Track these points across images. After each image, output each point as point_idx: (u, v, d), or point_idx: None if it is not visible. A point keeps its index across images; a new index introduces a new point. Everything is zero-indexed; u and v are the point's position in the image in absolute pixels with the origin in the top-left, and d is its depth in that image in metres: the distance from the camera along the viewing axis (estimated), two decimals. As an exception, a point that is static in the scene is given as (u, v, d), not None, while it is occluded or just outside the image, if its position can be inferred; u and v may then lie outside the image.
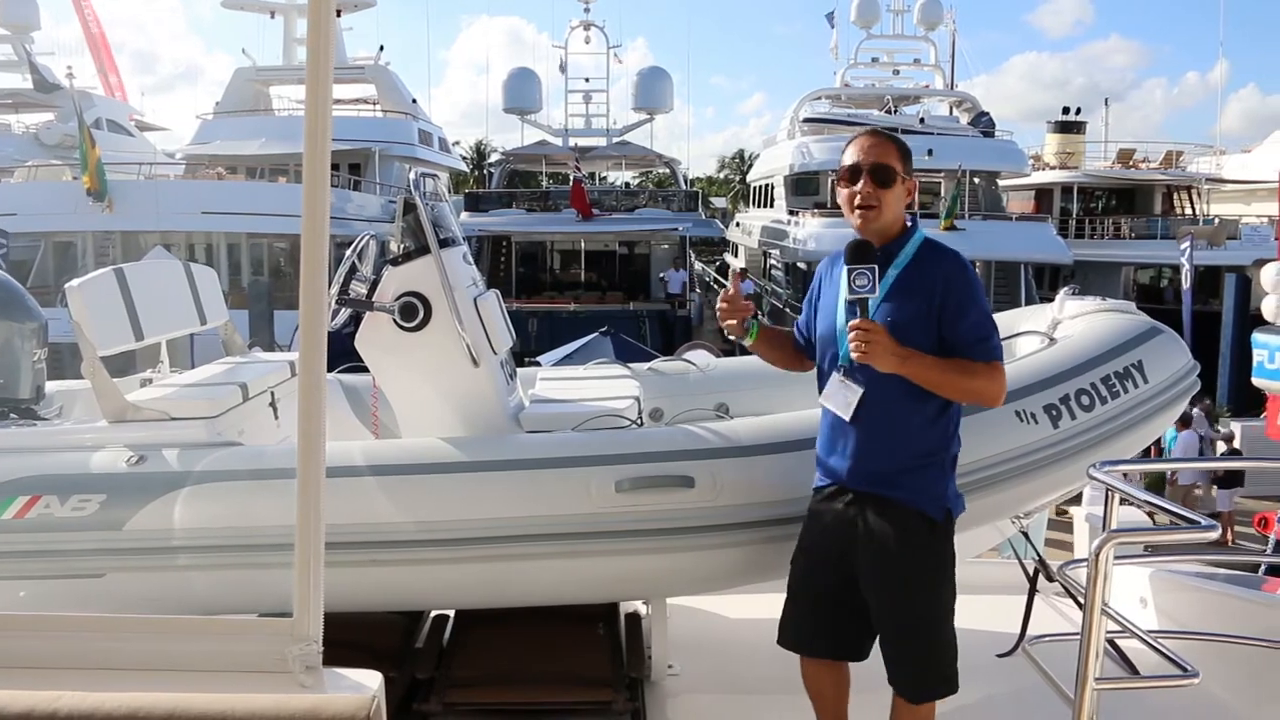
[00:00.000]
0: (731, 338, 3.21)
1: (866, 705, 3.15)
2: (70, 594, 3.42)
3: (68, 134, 30.43)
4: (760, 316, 3.22)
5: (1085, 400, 3.62)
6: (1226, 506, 15.93)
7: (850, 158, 2.96)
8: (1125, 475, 3.08)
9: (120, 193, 27.37)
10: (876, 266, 2.84)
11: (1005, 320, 4.77)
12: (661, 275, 32.84)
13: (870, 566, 2.96)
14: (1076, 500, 12.20)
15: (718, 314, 3.19)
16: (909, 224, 3.01)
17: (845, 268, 2.88)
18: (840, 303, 2.98)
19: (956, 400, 2.95)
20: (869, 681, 3.09)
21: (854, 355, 2.82)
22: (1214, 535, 2.50)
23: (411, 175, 3.90)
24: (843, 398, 2.94)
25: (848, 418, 2.94)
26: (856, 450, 2.97)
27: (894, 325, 2.83)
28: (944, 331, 2.86)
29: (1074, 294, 4.49)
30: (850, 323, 2.83)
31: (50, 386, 4.39)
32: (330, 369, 4.76)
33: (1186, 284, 25.40)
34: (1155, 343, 3.92)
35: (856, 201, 2.94)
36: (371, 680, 1.81)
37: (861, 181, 2.93)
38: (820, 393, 3.06)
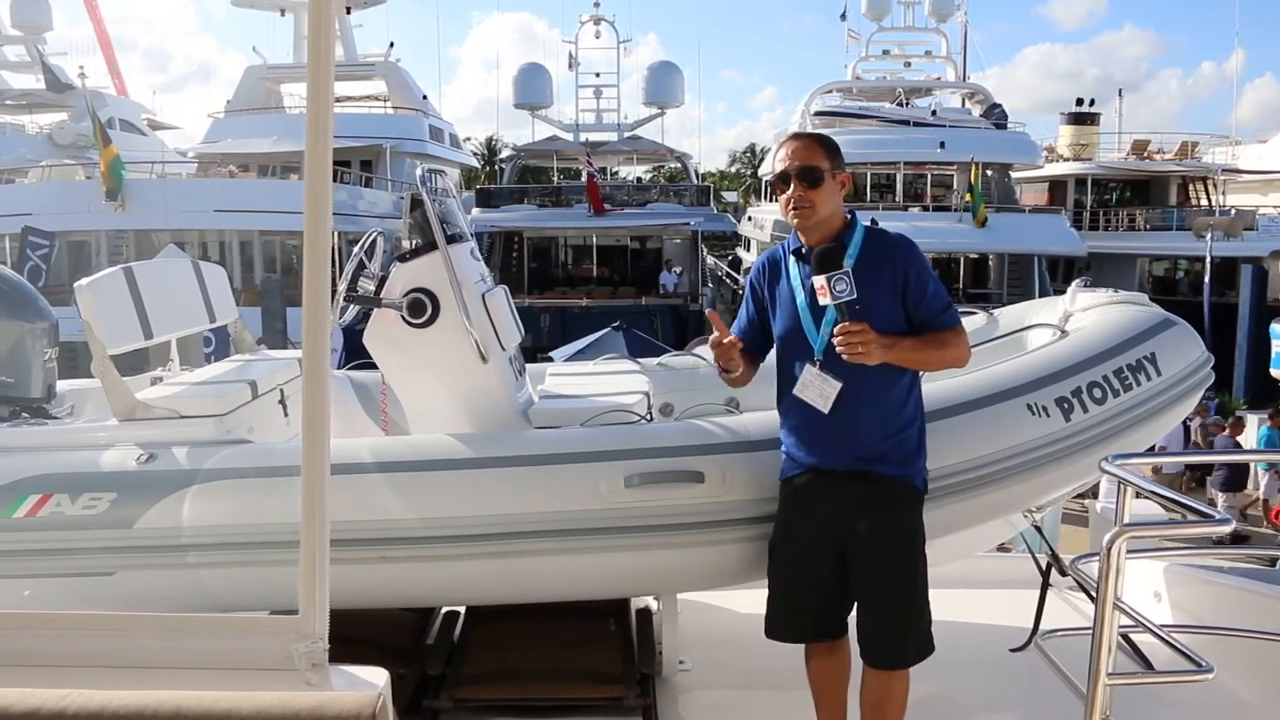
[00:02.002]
0: (725, 376, 3.28)
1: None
2: (81, 592, 3.43)
3: (81, 134, 30.59)
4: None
5: (1097, 393, 3.59)
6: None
7: (779, 164, 3.11)
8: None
9: (133, 192, 27.51)
10: (850, 271, 2.96)
11: (1017, 313, 4.75)
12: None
13: (867, 543, 3.06)
14: (1094, 493, 12.17)
15: (716, 361, 3.25)
16: (849, 216, 3.16)
17: (823, 276, 2.97)
18: (801, 302, 3.10)
19: (935, 369, 3.21)
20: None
21: (847, 358, 2.94)
22: (1227, 529, 2.47)
23: (418, 172, 3.90)
24: (820, 392, 3.05)
25: (827, 411, 3.04)
26: (843, 435, 3.07)
27: (863, 313, 2.96)
28: (909, 309, 3.05)
29: (1086, 286, 4.46)
30: (838, 327, 2.95)
31: (61, 385, 4.40)
32: (348, 364, 4.78)
33: (1207, 277, 25.23)
34: (1168, 335, 3.88)
35: (791, 204, 3.09)
36: (377, 677, 1.81)
37: (792, 185, 3.07)
38: (781, 388, 3.19)
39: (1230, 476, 15.14)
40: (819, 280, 2.97)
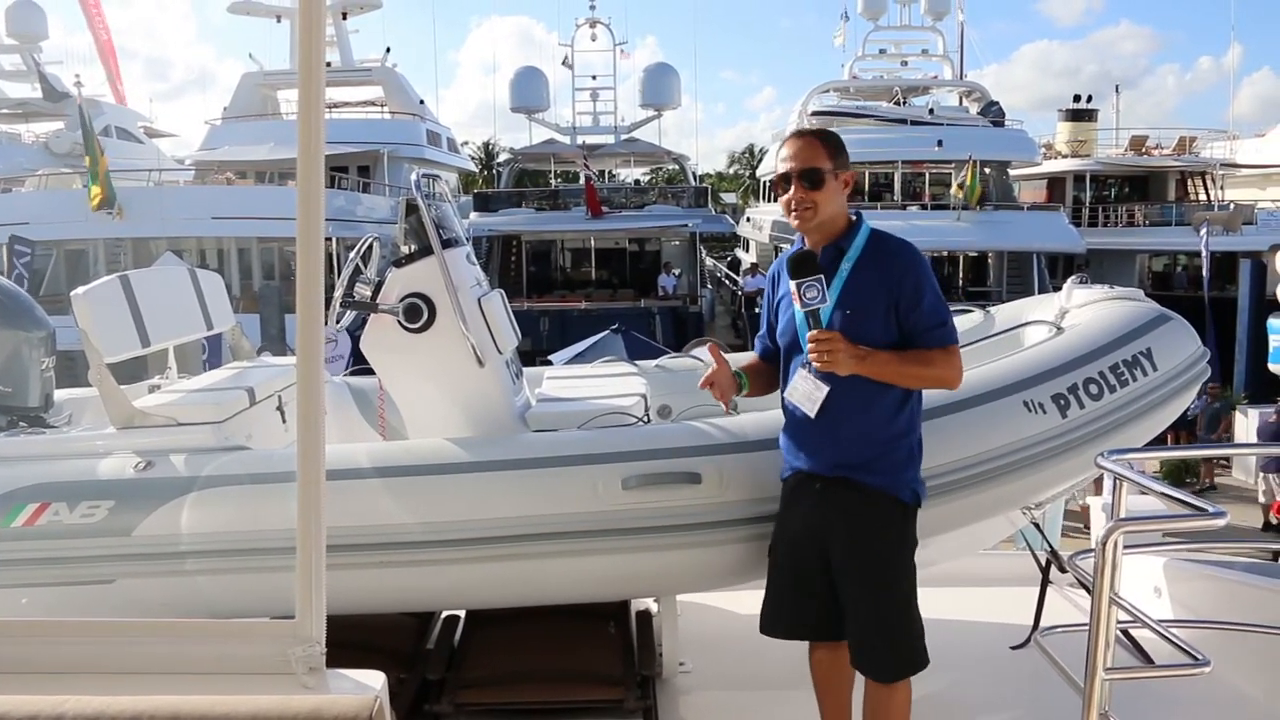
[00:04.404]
0: (726, 404, 3.27)
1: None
2: (80, 600, 3.44)
3: (77, 142, 30.61)
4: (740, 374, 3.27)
5: (1094, 389, 3.60)
6: None
7: (781, 164, 3.06)
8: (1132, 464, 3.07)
9: (130, 200, 27.56)
10: (823, 276, 2.92)
11: (1013, 310, 4.75)
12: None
13: (844, 551, 3.03)
14: (1098, 490, 12.16)
15: (711, 393, 3.22)
16: (854, 217, 3.10)
17: (794, 281, 2.93)
18: (797, 305, 3.04)
19: (915, 388, 3.06)
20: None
21: (816, 365, 2.91)
22: (1221, 522, 2.48)
23: (414, 176, 3.90)
24: (809, 396, 3.01)
25: (813, 415, 3.02)
26: (826, 441, 3.04)
27: (854, 319, 2.93)
28: (900, 320, 2.96)
29: (1082, 283, 4.46)
30: (809, 334, 2.91)
31: (59, 394, 4.41)
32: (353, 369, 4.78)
33: (1206, 270, 25.21)
34: (1164, 330, 3.88)
35: (792, 205, 3.04)
36: (374, 680, 1.81)
37: (793, 186, 3.02)
38: (782, 389, 3.15)
39: None
40: (791, 285, 2.95)
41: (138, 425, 3.63)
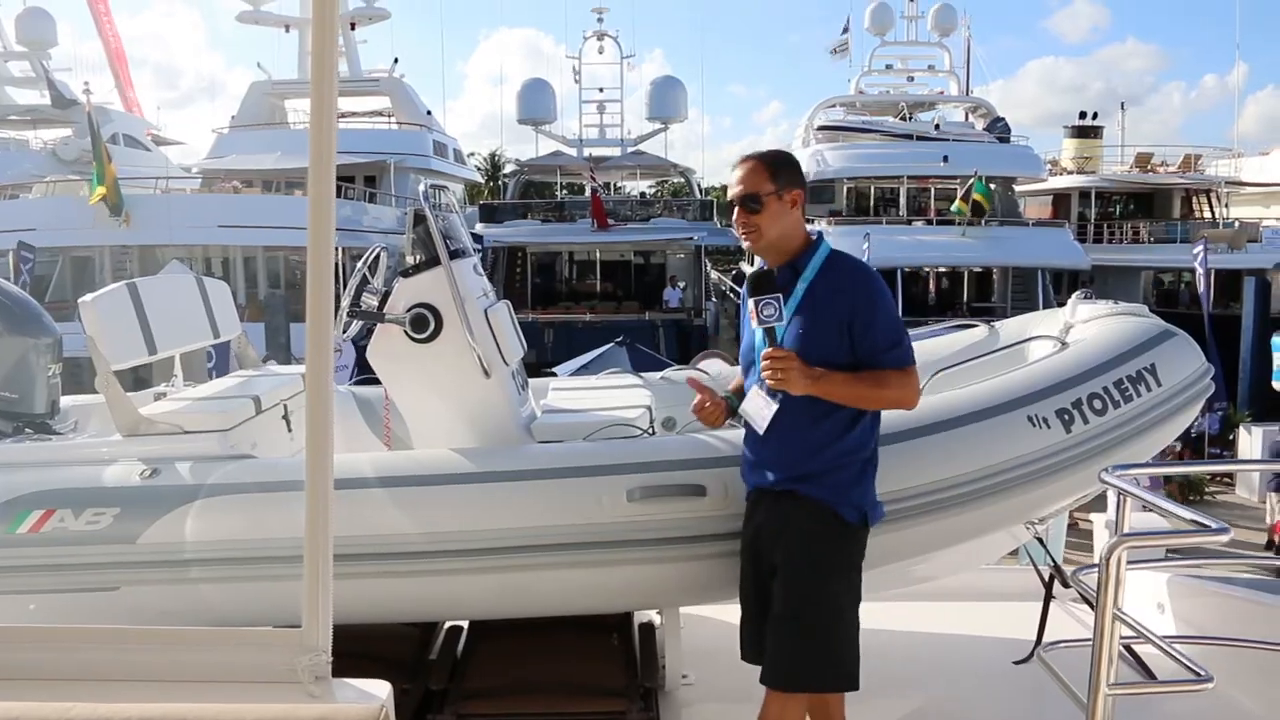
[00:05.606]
0: (717, 428, 3.29)
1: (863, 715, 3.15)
2: (85, 607, 3.44)
3: (85, 149, 30.73)
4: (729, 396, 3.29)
5: (1098, 404, 3.60)
6: None
7: (730, 190, 3.10)
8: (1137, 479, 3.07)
9: (137, 207, 27.65)
10: (780, 295, 2.95)
11: (1018, 325, 4.75)
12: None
13: (780, 559, 3.02)
14: (1098, 507, 12.14)
15: (700, 419, 3.26)
16: (815, 237, 3.11)
17: (752, 300, 2.97)
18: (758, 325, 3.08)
19: (870, 408, 3.04)
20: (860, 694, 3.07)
21: (769, 384, 2.93)
22: (1225, 538, 2.48)
23: (421, 187, 3.91)
24: (759, 412, 3.03)
25: (761, 431, 3.04)
26: (774, 456, 3.05)
27: (807, 338, 2.94)
28: (854, 341, 2.95)
29: (1087, 298, 4.47)
30: (763, 352, 2.94)
31: (65, 401, 4.41)
32: (359, 378, 4.80)
33: (1202, 287, 25.22)
34: (1168, 346, 3.88)
35: (739, 231, 3.08)
36: (380, 690, 1.82)
37: (736, 212, 3.06)
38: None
39: None
40: (750, 303, 2.99)
41: (143, 433, 3.64)
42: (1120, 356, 3.76)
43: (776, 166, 3.07)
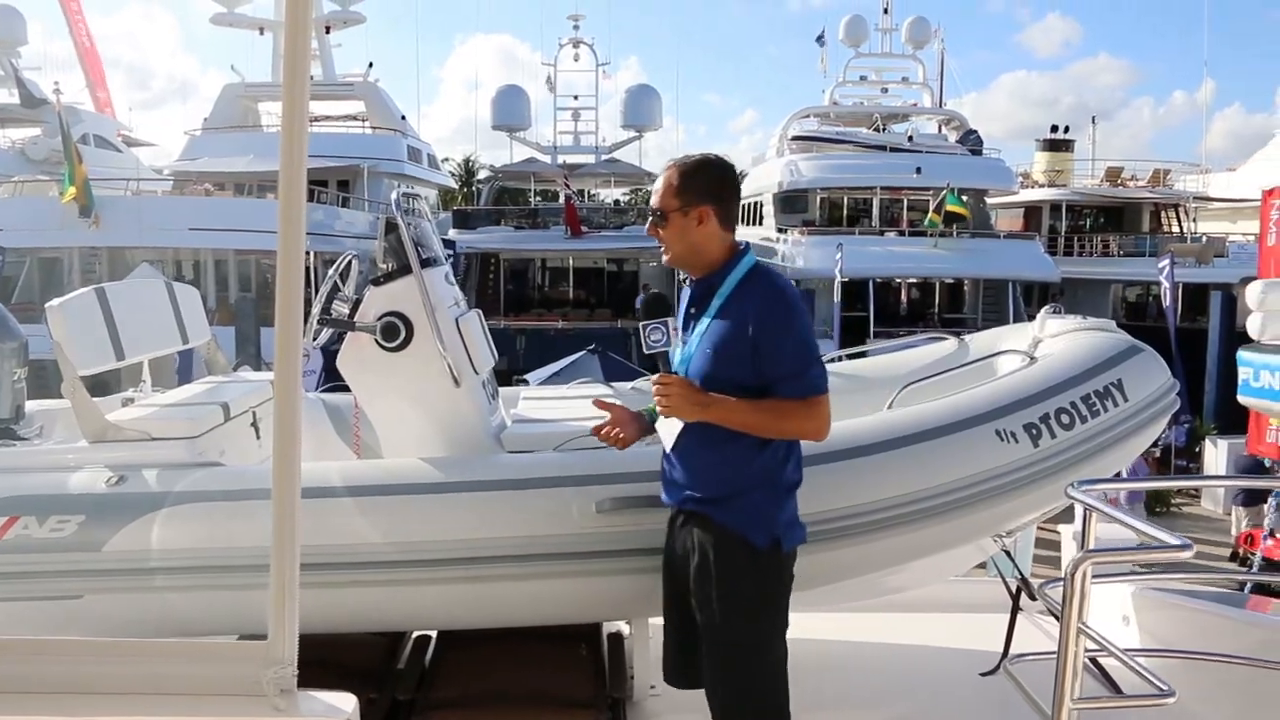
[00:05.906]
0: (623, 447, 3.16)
1: None
2: (48, 616, 3.40)
3: (54, 149, 30.44)
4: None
5: (1065, 419, 3.63)
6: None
7: None
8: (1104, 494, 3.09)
9: (107, 208, 27.37)
10: (666, 321, 2.88)
11: (987, 339, 4.79)
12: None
13: (694, 588, 2.94)
14: (1066, 517, 12.23)
15: (608, 440, 3.14)
16: (741, 248, 2.97)
17: (642, 324, 2.90)
18: (677, 341, 2.99)
19: (769, 437, 2.86)
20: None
21: (659, 411, 2.87)
22: (1187, 555, 2.50)
23: (394, 195, 3.90)
24: (667, 428, 2.95)
25: (669, 448, 2.97)
26: (682, 475, 2.96)
27: (717, 357, 2.82)
28: (759, 366, 2.79)
29: (1055, 312, 4.51)
30: (654, 377, 2.87)
31: (31, 406, 4.37)
32: (327, 385, 4.77)
33: (1167, 301, 25.49)
34: (1135, 361, 3.93)
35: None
36: (346, 703, 1.81)
37: (649, 226, 3.02)
38: None
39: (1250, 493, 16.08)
40: (642, 328, 2.91)
41: (110, 439, 3.60)
42: (1087, 372, 3.79)
43: (686, 179, 2.92)
